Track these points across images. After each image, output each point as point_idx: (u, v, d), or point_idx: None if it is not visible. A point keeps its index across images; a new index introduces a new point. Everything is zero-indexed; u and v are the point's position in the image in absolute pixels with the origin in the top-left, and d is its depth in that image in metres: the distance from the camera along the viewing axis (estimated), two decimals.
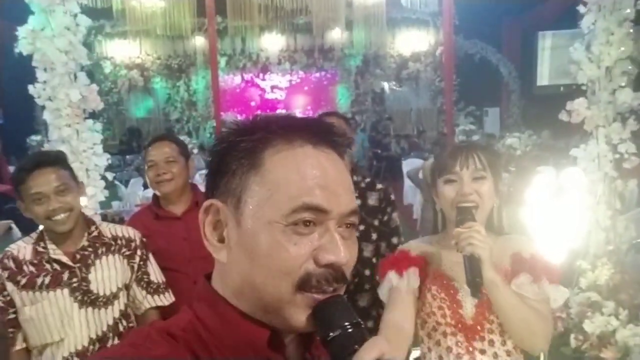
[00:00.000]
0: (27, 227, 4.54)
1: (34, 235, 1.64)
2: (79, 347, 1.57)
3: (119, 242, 1.68)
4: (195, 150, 8.57)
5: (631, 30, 2.88)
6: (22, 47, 2.81)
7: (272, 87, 13.04)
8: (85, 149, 2.98)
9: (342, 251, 0.57)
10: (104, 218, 3.19)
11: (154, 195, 2.07)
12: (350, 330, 0.54)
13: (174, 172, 1.95)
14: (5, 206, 5.15)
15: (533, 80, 9.66)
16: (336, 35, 11.51)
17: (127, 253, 1.69)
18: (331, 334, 0.54)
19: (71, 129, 2.93)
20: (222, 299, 0.60)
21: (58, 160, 1.60)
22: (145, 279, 1.72)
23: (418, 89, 12.93)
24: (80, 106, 2.94)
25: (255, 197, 0.58)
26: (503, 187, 4.05)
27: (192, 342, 0.57)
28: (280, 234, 0.56)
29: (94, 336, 1.59)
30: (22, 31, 2.80)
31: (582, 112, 3.02)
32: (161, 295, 1.75)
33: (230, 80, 12.92)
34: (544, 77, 9.21)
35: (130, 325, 1.70)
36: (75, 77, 2.93)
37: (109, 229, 1.70)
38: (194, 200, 2.00)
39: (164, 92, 13.00)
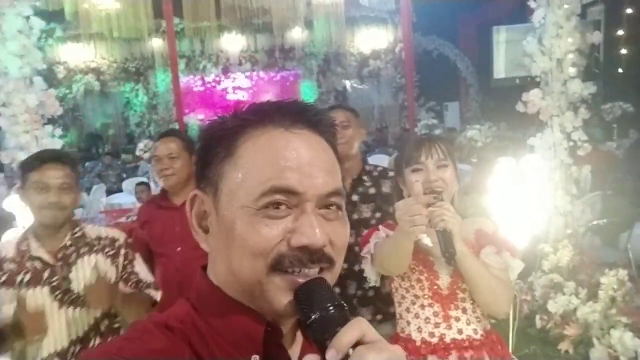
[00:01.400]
0: None
1: (21, 233, 1.68)
2: (59, 348, 1.56)
3: (102, 242, 1.69)
4: None
5: (578, 24, 3.04)
6: None
7: (234, 88, 12.92)
8: None
9: (318, 233, 0.55)
10: None
11: (162, 190, 2.24)
12: (331, 311, 0.52)
13: (176, 167, 2.08)
14: None
15: (490, 74, 9.97)
16: (296, 34, 11.52)
17: (111, 253, 1.69)
18: (312, 315, 0.52)
19: (29, 135, 2.84)
20: (217, 289, 0.60)
21: (71, 161, 1.67)
22: (134, 279, 1.71)
23: (380, 86, 13.09)
24: (38, 112, 2.85)
25: (229, 183, 0.58)
26: (465, 177, 4.16)
27: (190, 334, 0.57)
28: (252, 217, 0.56)
29: (74, 337, 1.58)
30: None
31: (537, 103, 3.16)
32: (152, 291, 1.75)
33: (191, 82, 12.72)
34: (500, 70, 9.54)
35: (115, 325, 1.68)
36: (31, 81, 2.84)
37: (92, 230, 1.72)
38: None
39: (122, 96, 12.66)
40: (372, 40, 12.30)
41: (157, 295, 1.74)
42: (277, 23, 9.87)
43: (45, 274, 1.58)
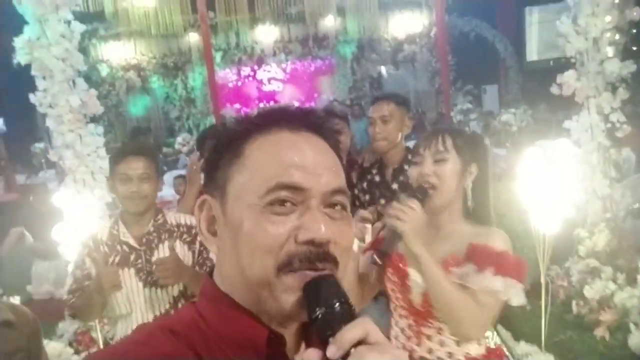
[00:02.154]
0: (37, 233, 4.65)
1: (113, 218, 1.89)
2: (145, 322, 1.74)
3: (181, 229, 1.85)
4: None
5: (617, 0, 2.92)
6: (20, 57, 2.89)
7: (270, 79, 13.04)
8: (89, 152, 3.06)
9: (322, 228, 0.56)
10: None
11: None
12: (337, 308, 0.52)
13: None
14: (16, 213, 5.25)
15: (523, 57, 9.67)
16: (329, 22, 11.47)
17: (188, 239, 1.85)
18: (317, 310, 0.52)
19: (74, 134, 3.01)
20: (223, 294, 0.61)
21: (150, 153, 1.87)
22: (209, 264, 1.85)
23: (415, 71, 12.88)
24: (81, 111, 3.02)
25: (236, 185, 0.59)
26: (500, 162, 4.06)
27: (194, 339, 0.57)
28: (258, 214, 0.57)
29: (157, 313, 1.77)
30: (18, 41, 2.87)
31: (572, 85, 3.07)
32: None
33: (227, 74, 12.94)
34: (533, 52, 9.22)
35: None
36: (74, 83, 3.00)
37: (173, 217, 1.89)
38: None
39: (162, 91, 13.02)
40: (406, 24, 12.08)
41: None
42: (309, 12, 9.88)
43: (132, 257, 1.77)
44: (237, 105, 12.65)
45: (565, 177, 2.71)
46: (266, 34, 11.94)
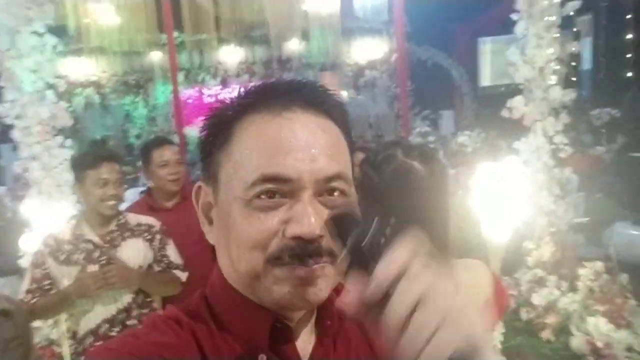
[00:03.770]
0: None
1: (72, 220, 1.99)
2: (108, 316, 1.85)
3: (142, 227, 1.99)
4: None
5: (557, 35, 3.23)
6: None
7: None
8: (56, 165, 3.06)
9: (313, 222, 0.51)
10: None
11: (148, 190, 2.44)
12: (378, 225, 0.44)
13: (182, 171, 2.38)
14: None
15: (477, 83, 10.38)
16: (293, 45, 11.75)
17: (148, 237, 1.99)
18: (363, 239, 0.43)
19: (41, 146, 3.01)
20: (227, 283, 0.59)
21: (121, 159, 2.07)
22: (165, 260, 2.00)
23: (375, 96, 13.29)
24: (50, 123, 3.03)
25: (225, 173, 0.56)
26: (456, 181, 4.28)
27: (197, 329, 0.56)
28: (245, 208, 0.53)
29: (120, 307, 1.86)
30: None
31: (521, 109, 3.35)
32: (179, 272, 2.01)
33: (191, 94, 12.93)
34: (486, 78, 9.90)
35: (148, 299, 1.95)
36: (44, 95, 3.02)
37: (134, 217, 2.02)
38: (182, 194, 2.34)
39: (122, 109, 12.85)
40: (368, 50, 12.53)
41: (183, 276, 2.01)
42: (274, 35, 10.12)
43: (96, 254, 1.88)
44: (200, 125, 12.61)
45: (514, 194, 2.95)
46: (230, 55, 12.08)
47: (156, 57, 11.71)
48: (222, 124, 0.58)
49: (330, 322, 0.59)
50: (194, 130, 12.75)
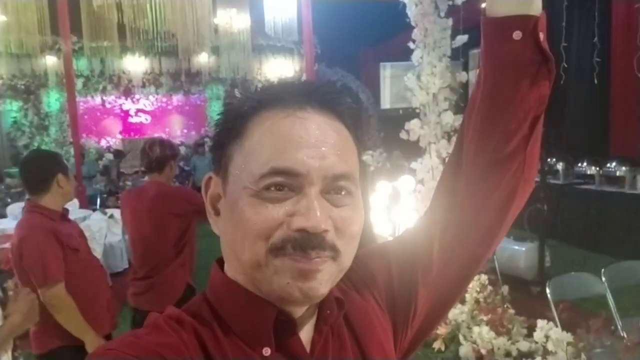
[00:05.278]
0: None
1: None
2: None
3: None
4: None
5: (449, 65, 3.51)
6: None
7: (137, 111, 12.54)
8: None
9: (318, 216, 0.52)
10: None
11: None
12: None
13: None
14: None
15: (378, 105, 10.98)
16: (203, 59, 11.55)
17: None
18: None
19: None
20: (228, 279, 0.59)
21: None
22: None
23: None
24: None
25: (236, 166, 0.57)
26: None
27: (199, 328, 0.56)
28: (252, 198, 0.54)
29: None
30: None
31: (417, 131, 3.57)
32: None
33: (89, 103, 12.14)
34: (386, 101, 10.48)
35: None
36: None
37: None
38: None
39: (9, 115, 11.71)
40: (279, 68, 12.70)
41: None
42: (182, 47, 9.84)
43: None
44: (97, 140, 11.88)
45: (410, 209, 3.12)
46: (135, 65, 11.56)
47: (50, 61, 10.87)
48: (237, 117, 0.58)
49: (330, 311, 0.60)
50: (91, 141, 11.95)
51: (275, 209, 0.53)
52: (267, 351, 0.55)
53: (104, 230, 5.17)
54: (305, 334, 0.59)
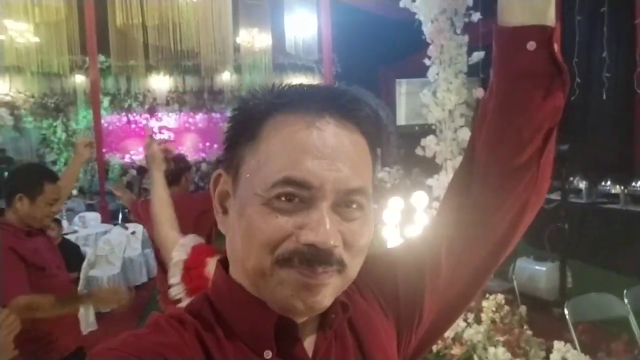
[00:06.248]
0: None
1: None
2: None
3: None
4: (75, 192, 8.07)
5: (465, 81, 3.50)
6: None
7: (161, 128, 12.80)
8: None
9: (328, 231, 0.51)
10: None
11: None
12: None
13: None
14: None
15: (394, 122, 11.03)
16: (225, 77, 11.78)
17: None
18: None
19: None
20: (231, 280, 0.58)
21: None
22: None
23: None
24: None
25: (248, 168, 0.55)
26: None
27: (201, 328, 0.55)
28: (262, 206, 0.53)
29: None
30: None
31: (433, 148, 3.55)
32: None
33: (115, 120, 12.47)
34: (402, 118, 10.48)
35: None
36: None
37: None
38: None
39: (38, 132, 12.11)
40: None
41: None
42: (205, 66, 10.08)
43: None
44: (122, 157, 12.15)
45: (424, 226, 3.07)
46: (160, 83, 11.86)
47: (79, 80, 11.25)
48: (252, 117, 0.57)
49: (335, 315, 0.59)
50: (116, 157, 12.22)
51: (285, 220, 0.52)
52: (268, 354, 0.54)
53: (123, 244, 5.26)
54: (308, 337, 0.58)
